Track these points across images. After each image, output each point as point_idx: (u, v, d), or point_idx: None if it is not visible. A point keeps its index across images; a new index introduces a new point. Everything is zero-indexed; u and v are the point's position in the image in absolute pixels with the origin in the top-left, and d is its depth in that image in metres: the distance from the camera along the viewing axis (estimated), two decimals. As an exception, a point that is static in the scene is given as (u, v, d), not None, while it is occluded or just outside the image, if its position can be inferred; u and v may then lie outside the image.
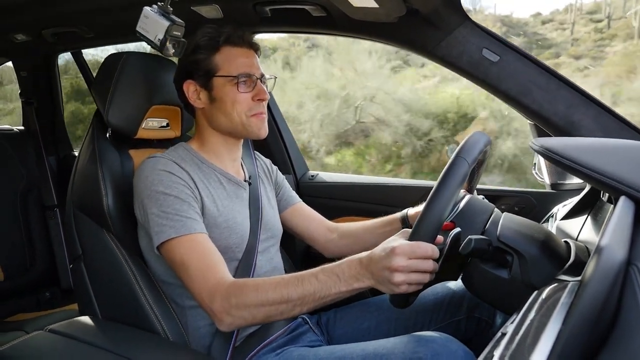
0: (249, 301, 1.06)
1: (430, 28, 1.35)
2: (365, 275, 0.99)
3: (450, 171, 0.97)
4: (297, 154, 2.19)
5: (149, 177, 1.20)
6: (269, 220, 1.42)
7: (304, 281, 1.04)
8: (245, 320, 1.09)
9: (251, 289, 1.07)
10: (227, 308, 1.08)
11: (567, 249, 0.97)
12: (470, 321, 1.33)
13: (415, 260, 0.94)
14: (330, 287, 1.02)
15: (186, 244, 1.15)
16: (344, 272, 1.01)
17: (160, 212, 1.17)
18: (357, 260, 1.02)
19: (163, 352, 1.17)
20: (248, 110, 1.29)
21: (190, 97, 1.32)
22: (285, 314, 1.06)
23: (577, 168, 0.80)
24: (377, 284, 0.99)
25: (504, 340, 0.66)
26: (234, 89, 1.27)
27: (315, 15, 1.50)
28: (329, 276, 1.02)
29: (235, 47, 1.29)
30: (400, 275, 0.94)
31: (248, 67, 1.29)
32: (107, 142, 1.39)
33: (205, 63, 1.29)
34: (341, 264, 1.03)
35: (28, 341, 1.16)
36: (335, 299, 1.03)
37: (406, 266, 0.94)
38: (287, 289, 1.04)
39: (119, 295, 1.27)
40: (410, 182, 2.05)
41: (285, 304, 1.04)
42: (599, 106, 1.27)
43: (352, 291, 1.02)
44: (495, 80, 1.33)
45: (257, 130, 1.31)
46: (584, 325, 0.54)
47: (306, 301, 1.03)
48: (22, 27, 2.00)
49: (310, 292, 1.02)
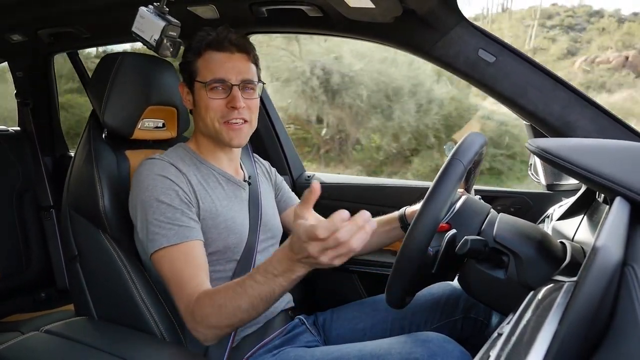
0: (208, 313, 1.05)
1: (426, 28, 1.35)
2: (296, 265, 0.94)
3: (445, 173, 0.97)
4: (294, 155, 2.19)
5: (144, 182, 1.20)
6: (269, 221, 1.42)
7: (246, 287, 1.01)
8: (215, 334, 1.09)
9: (207, 303, 1.06)
10: (193, 322, 1.08)
11: (563, 249, 0.97)
12: (466, 321, 1.33)
13: (328, 239, 0.86)
14: (272, 285, 0.98)
15: (173, 254, 1.15)
16: (276, 268, 0.97)
17: (154, 220, 1.17)
18: (281, 255, 0.97)
19: (159, 353, 1.16)
20: (220, 117, 1.27)
21: (184, 98, 1.35)
22: (246, 320, 1.05)
23: (572, 169, 0.80)
24: (310, 267, 0.94)
25: (500, 340, 0.66)
26: (205, 94, 1.27)
27: (312, 15, 1.50)
28: (264, 276, 0.99)
29: (217, 52, 1.27)
30: (324, 257, 0.87)
31: (224, 72, 1.26)
32: (103, 143, 1.39)
33: (189, 66, 1.30)
34: (271, 261, 0.99)
35: (24, 342, 1.15)
36: (285, 291, 1.00)
37: (322, 249, 0.87)
38: (236, 299, 1.02)
39: (115, 296, 1.27)
40: (407, 182, 2.05)
41: (240, 312, 1.02)
42: (595, 107, 1.28)
43: (295, 280, 0.98)
44: (491, 80, 1.33)
45: (228, 139, 1.29)
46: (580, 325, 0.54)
47: (256, 304, 1.01)
48: (18, 27, 2.00)
49: (256, 295, 1.00)
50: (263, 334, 1.29)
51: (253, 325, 1.30)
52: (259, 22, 1.62)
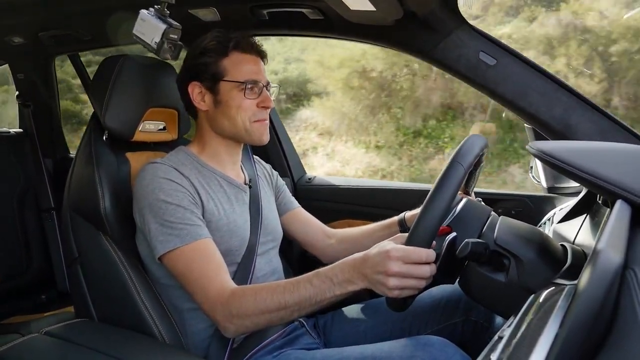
0: (249, 311, 1.08)
1: (427, 31, 1.35)
2: (359, 277, 1.00)
3: (446, 177, 0.97)
4: (295, 157, 2.19)
5: (149, 185, 1.20)
6: (270, 224, 1.42)
7: (300, 287, 1.05)
8: (247, 328, 1.13)
9: (250, 299, 1.09)
10: (229, 318, 1.10)
11: (563, 252, 0.97)
12: (466, 324, 1.33)
13: (410, 265, 0.94)
14: (325, 291, 1.03)
15: (189, 253, 1.16)
16: (337, 275, 1.03)
17: (164, 221, 1.17)
18: (350, 263, 1.03)
19: (160, 355, 1.16)
20: (252, 116, 1.30)
21: (194, 98, 1.32)
22: (285, 318, 1.09)
23: (573, 171, 0.80)
24: (370, 285, 0.99)
25: (500, 343, 0.66)
26: (240, 94, 1.28)
27: (312, 18, 1.50)
28: (323, 281, 1.04)
29: (243, 54, 1.30)
30: (394, 280, 0.94)
31: (255, 74, 1.29)
32: (104, 145, 1.38)
33: (213, 66, 1.29)
34: (334, 268, 1.04)
35: (24, 344, 1.15)
36: (332, 301, 1.05)
37: (400, 272, 0.94)
38: (284, 295, 1.06)
39: (116, 298, 1.27)
40: (407, 185, 2.05)
41: (283, 310, 1.07)
42: (596, 109, 1.28)
43: (347, 294, 1.03)
44: (492, 83, 1.33)
45: (259, 136, 1.33)
46: (581, 328, 0.54)
47: (303, 306, 1.05)
48: (19, 29, 2.00)
49: (306, 297, 1.04)
50: (263, 335, 1.29)
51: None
52: (259, 24, 1.62)
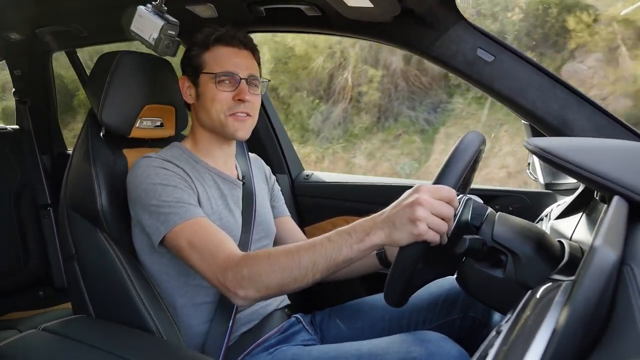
0: (261, 270, 1.03)
1: (425, 27, 1.35)
2: (379, 225, 0.94)
3: (464, 140, 0.98)
4: (292, 153, 2.19)
5: (144, 173, 1.21)
6: (264, 220, 1.42)
7: (316, 245, 0.99)
8: (258, 292, 1.05)
9: (263, 259, 1.04)
10: (239, 280, 1.05)
11: (561, 248, 0.97)
12: (464, 320, 1.33)
13: (439, 201, 0.90)
14: (342, 245, 0.96)
15: (192, 227, 1.15)
16: (355, 228, 0.97)
17: (162, 202, 1.17)
18: (370, 218, 0.97)
19: (156, 351, 1.16)
20: (227, 109, 1.29)
21: (184, 92, 1.36)
22: (299, 281, 1.01)
23: (570, 168, 0.80)
24: (392, 231, 0.92)
25: (498, 339, 0.66)
26: (214, 86, 1.28)
27: (310, 14, 1.50)
28: (340, 235, 0.98)
29: (225, 47, 1.30)
30: (422, 210, 0.88)
31: (233, 66, 1.29)
32: (101, 141, 1.38)
33: (195, 60, 1.31)
34: (354, 224, 0.98)
35: (21, 340, 1.15)
36: (348, 260, 0.98)
37: (429, 202, 0.89)
38: (299, 253, 1.00)
39: (113, 294, 1.26)
40: (406, 181, 2.05)
41: (297, 270, 1.00)
42: (593, 106, 1.28)
43: (365, 250, 0.96)
44: (490, 80, 1.33)
45: (233, 130, 1.30)
46: (578, 324, 0.54)
47: (318, 264, 0.98)
48: (16, 26, 2.00)
49: (322, 254, 0.98)
50: (259, 332, 1.29)
51: (249, 322, 1.31)
52: (257, 21, 1.62)
